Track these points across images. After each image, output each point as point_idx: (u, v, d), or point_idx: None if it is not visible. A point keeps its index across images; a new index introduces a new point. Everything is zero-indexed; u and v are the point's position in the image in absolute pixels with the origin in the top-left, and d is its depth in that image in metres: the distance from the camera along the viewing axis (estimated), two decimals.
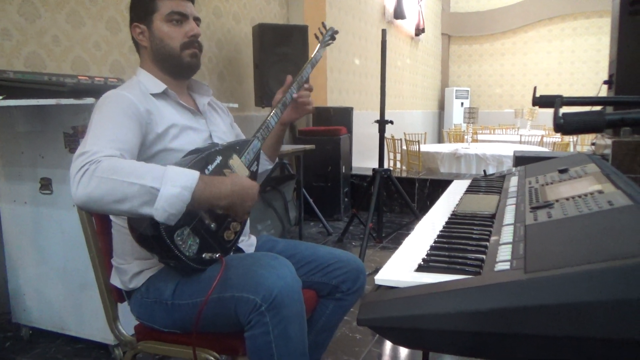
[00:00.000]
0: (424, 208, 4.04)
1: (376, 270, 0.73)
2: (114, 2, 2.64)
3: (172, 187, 0.94)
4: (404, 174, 4.80)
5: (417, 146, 5.37)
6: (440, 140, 10.41)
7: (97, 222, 1.27)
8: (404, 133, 6.15)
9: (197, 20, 1.28)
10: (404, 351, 2.02)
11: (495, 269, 0.63)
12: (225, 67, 3.66)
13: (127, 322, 1.30)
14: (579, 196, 0.84)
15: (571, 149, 6.27)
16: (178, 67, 1.27)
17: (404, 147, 5.74)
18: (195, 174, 0.99)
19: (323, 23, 1.61)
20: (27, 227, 2.02)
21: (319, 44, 1.57)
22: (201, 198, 0.99)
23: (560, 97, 0.88)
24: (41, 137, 1.91)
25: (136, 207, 0.94)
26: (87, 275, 1.85)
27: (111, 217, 1.26)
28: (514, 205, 0.98)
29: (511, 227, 0.81)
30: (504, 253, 0.68)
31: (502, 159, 4.95)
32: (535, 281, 0.54)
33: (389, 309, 0.62)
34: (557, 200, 0.86)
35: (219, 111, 1.45)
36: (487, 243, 0.78)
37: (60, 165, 1.89)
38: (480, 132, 8.34)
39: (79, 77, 1.82)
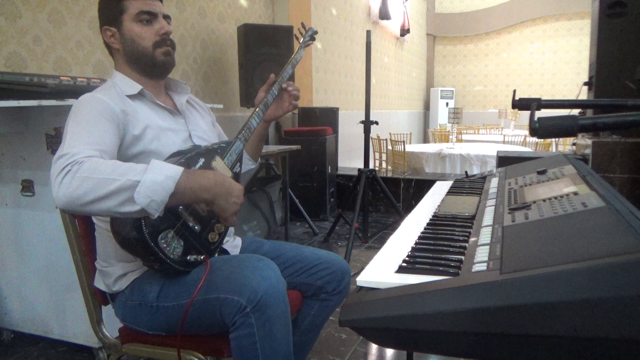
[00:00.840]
0: (409, 208, 4.07)
1: (361, 270, 0.74)
2: (96, 1, 2.61)
3: (156, 174, 0.94)
4: (390, 174, 4.84)
5: (403, 146, 5.41)
6: (425, 140, 10.49)
7: (80, 224, 1.26)
8: (390, 133, 6.20)
9: (167, 18, 1.28)
10: (389, 351, 2.04)
11: (473, 270, 0.64)
12: (210, 68, 3.65)
13: (111, 324, 1.30)
14: (555, 197, 0.87)
15: (553, 148, 6.37)
16: (152, 67, 1.26)
17: (390, 147, 5.78)
18: (179, 167, 0.99)
19: (302, 24, 1.63)
20: (8, 229, 1.99)
21: (299, 45, 1.58)
22: (185, 189, 0.98)
23: (537, 101, 0.90)
24: (22, 138, 1.89)
25: (119, 204, 0.93)
26: (70, 278, 1.83)
27: (94, 219, 1.25)
28: (493, 207, 1.00)
29: (489, 229, 0.83)
30: (482, 254, 0.70)
31: (485, 158, 5.01)
32: (509, 282, 0.56)
33: (369, 310, 0.64)
34: (534, 202, 0.88)
35: (199, 109, 1.44)
36: (466, 244, 0.80)
37: (42, 167, 1.87)
38: (465, 132, 8.42)
39: (61, 78, 1.80)
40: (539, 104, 0.97)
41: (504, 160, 2.78)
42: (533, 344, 0.55)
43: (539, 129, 0.71)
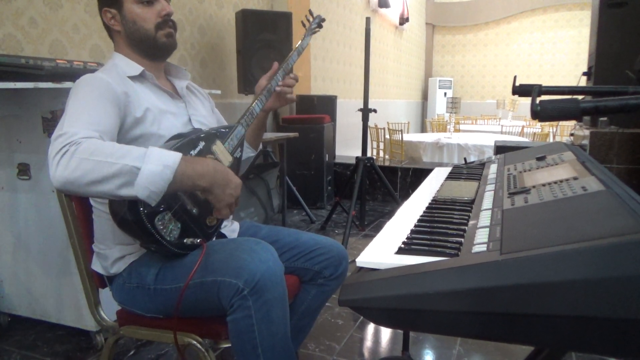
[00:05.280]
0: (406, 196, 4.07)
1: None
2: None
3: (154, 165, 0.94)
4: (387, 163, 4.83)
5: (400, 135, 5.41)
6: (423, 129, 10.49)
7: (77, 207, 1.26)
8: (387, 122, 6.17)
9: None
10: (385, 336, 2.06)
11: (473, 251, 0.64)
12: (207, 54, 3.62)
13: (109, 307, 1.30)
14: (555, 182, 0.87)
15: (550, 139, 6.38)
16: (154, 49, 1.25)
17: (387, 136, 5.77)
18: (178, 154, 0.98)
19: (310, 10, 1.61)
20: (4, 212, 1.99)
21: (305, 32, 1.56)
22: (183, 177, 0.97)
23: (538, 86, 0.90)
24: (18, 121, 1.87)
25: (117, 188, 0.92)
26: (68, 261, 1.83)
27: (92, 202, 1.24)
28: (492, 191, 1.00)
29: (489, 212, 0.83)
30: (481, 236, 0.70)
31: (483, 148, 5.02)
32: (509, 262, 0.56)
33: (369, 289, 0.64)
34: (533, 186, 0.88)
35: (199, 95, 1.44)
36: (466, 227, 0.80)
37: (39, 150, 1.86)
38: (463, 122, 8.42)
39: (57, 61, 1.78)
40: (540, 89, 0.96)
41: (501, 150, 2.78)
42: (532, 323, 0.56)
43: (540, 112, 0.71)
